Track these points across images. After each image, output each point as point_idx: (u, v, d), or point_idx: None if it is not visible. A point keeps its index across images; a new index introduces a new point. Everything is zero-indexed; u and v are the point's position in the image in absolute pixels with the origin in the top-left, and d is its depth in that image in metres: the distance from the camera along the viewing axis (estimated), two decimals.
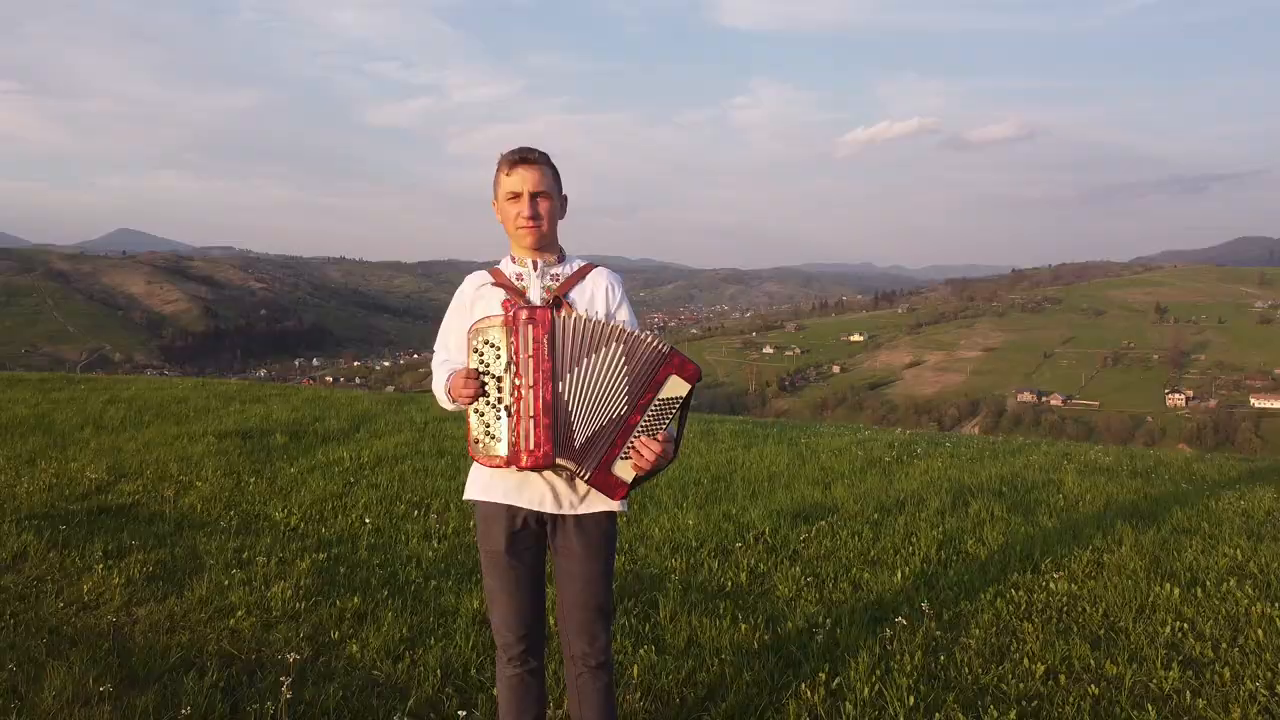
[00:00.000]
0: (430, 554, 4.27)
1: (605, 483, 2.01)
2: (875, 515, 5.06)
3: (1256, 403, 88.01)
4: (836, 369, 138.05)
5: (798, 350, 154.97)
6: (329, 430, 8.02)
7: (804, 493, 5.74)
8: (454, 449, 7.19)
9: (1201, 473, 7.44)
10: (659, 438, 2.01)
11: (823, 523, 4.84)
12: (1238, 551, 4.43)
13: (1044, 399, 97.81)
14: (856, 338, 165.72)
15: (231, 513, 5.07)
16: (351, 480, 5.89)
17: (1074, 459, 7.87)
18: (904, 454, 7.66)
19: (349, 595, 3.62)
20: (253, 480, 5.87)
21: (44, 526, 4.53)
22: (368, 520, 4.90)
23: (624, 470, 2.02)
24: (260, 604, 3.53)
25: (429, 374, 2.36)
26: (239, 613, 3.43)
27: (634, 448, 2.00)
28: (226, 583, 3.77)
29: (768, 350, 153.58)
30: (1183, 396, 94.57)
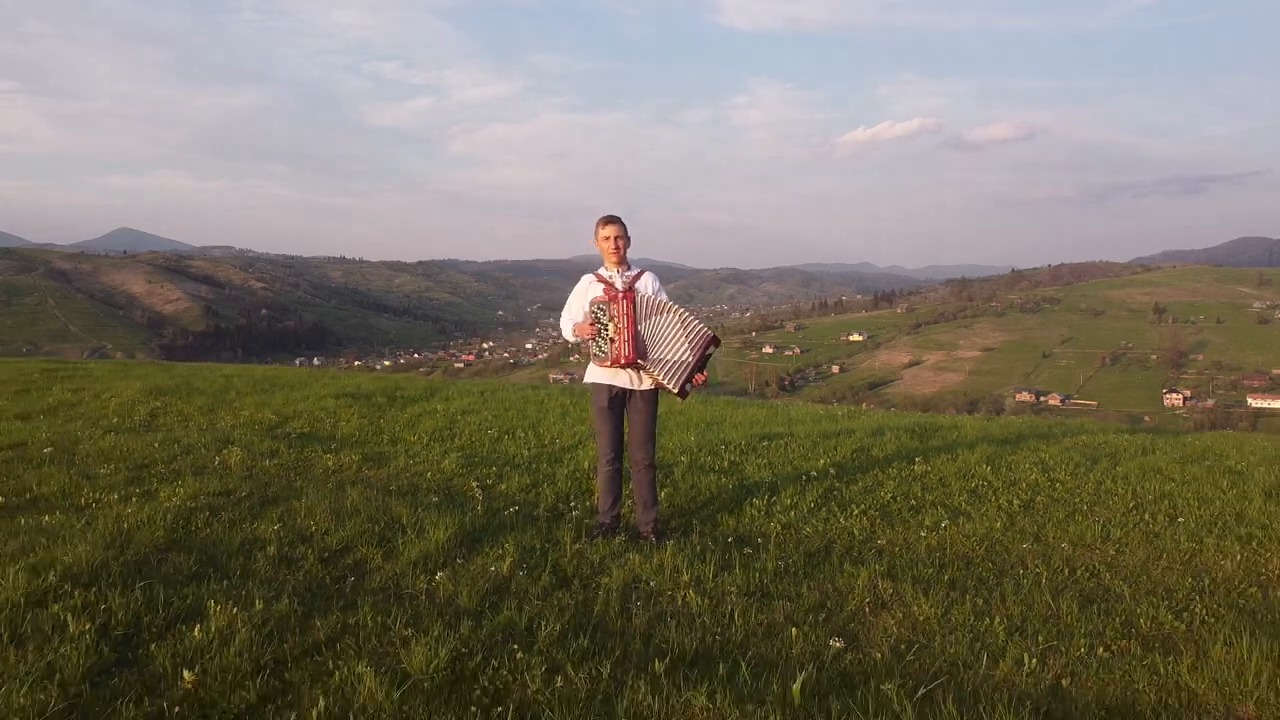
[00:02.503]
0: (526, 453, 6.68)
1: (682, 393, 4.42)
2: (817, 438, 7.46)
3: (1254, 402, 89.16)
4: (836, 369, 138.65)
5: (797, 350, 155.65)
6: (411, 395, 10.41)
7: (772, 428, 8.15)
8: (514, 405, 9.58)
9: (1085, 427, 9.83)
10: (704, 374, 4.43)
11: (780, 441, 7.25)
12: (1046, 455, 6.84)
13: (1042, 399, 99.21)
14: (856, 337, 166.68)
15: (379, 437, 7.47)
16: (452, 420, 8.29)
17: (993, 421, 10.27)
18: (855, 414, 10.08)
19: (488, 468, 6.02)
20: (380, 420, 8.27)
21: (272, 439, 6.93)
22: (480, 436, 7.30)
23: (688, 387, 4.42)
24: (439, 469, 5.93)
25: (430, 372, 4.82)
26: (429, 473, 5.84)
27: (693, 379, 4.40)
28: (412, 461, 6.17)
29: (767, 350, 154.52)
30: (1180, 396, 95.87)
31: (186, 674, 2.78)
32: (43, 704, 2.58)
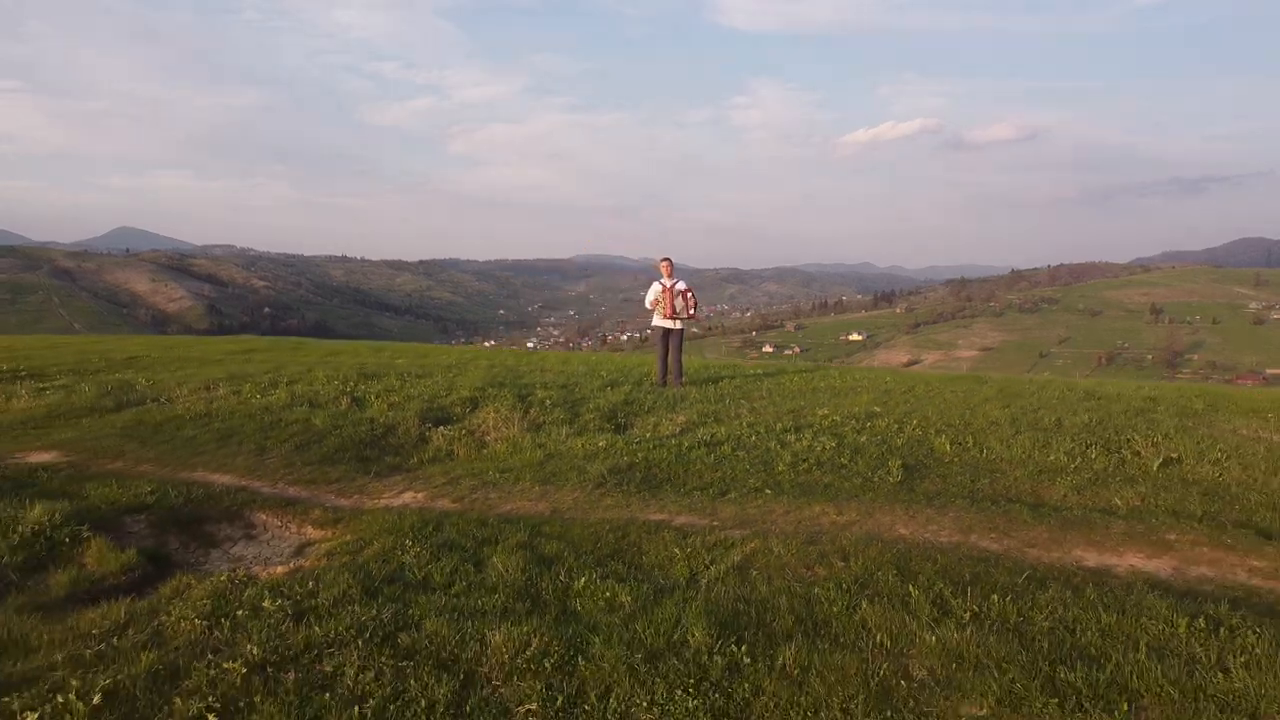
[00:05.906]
0: (614, 368, 13.32)
1: (692, 317, 11.19)
2: (761, 366, 14.07)
3: None
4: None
5: (797, 349, 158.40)
6: (521, 353, 17.01)
7: (737, 364, 14.78)
8: (590, 357, 16.17)
9: (944, 388, 16.40)
10: (694, 299, 11.23)
11: (740, 366, 13.90)
12: (888, 377, 13.39)
13: None
14: (855, 337, 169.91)
15: (538, 363, 14.00)
16: (565, 359, 14.89)
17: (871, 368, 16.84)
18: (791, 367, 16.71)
19: (601, 369, 12.62)
20: (539, 361, 14.80)
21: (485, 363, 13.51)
22: (586, 363, 13.89)
23: (693, 311, 11.23)
24: (578, 370, 12.54)
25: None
26: (573, 371, 12.44)
27: (695, 305, 11.19)
28: (563, 370, 12.79)
29: (767, 349, 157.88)
30: None
31: (548, 401, 9.39)
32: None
